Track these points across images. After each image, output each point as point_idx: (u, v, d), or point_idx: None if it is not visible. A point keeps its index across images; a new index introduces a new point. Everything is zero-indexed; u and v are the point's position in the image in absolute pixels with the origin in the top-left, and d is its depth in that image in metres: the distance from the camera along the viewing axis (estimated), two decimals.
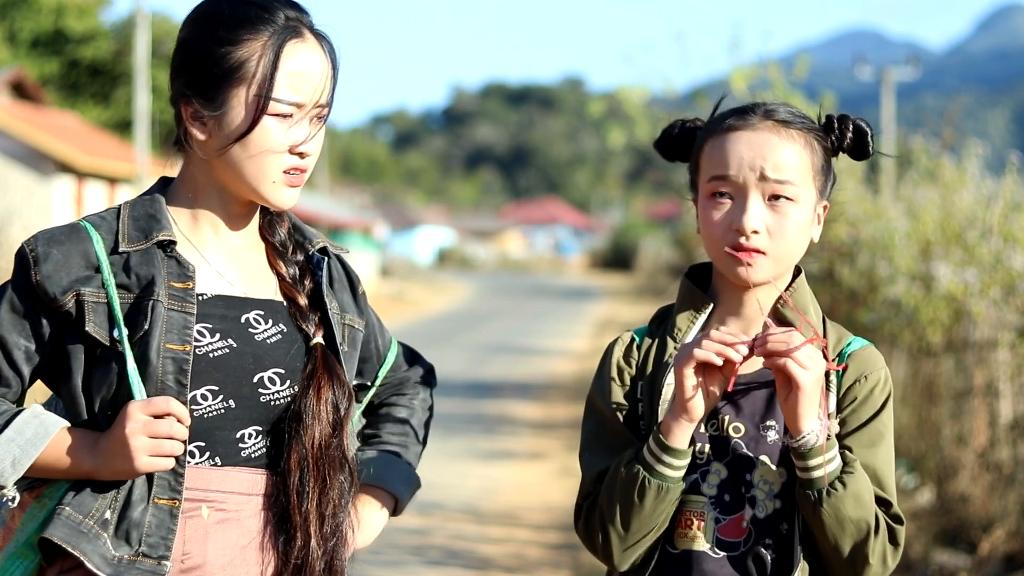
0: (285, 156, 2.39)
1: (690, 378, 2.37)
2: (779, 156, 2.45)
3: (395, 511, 2.72)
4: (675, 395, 2.41)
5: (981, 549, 7.59)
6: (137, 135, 29.42)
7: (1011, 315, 8.00)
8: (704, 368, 2.38)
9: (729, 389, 2.40)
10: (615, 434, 2.52)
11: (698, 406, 2.38)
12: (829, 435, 2.39)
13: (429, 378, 2.81)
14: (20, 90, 34.39)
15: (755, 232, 2.44)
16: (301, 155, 2.40)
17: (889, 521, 2.44)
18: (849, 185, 10.74)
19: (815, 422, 2.37)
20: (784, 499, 2.44)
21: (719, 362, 2.36)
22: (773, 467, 2.44)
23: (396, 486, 2.69)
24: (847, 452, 2.43)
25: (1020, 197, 8.30)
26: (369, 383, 2.70)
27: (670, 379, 2.48)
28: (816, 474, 2.37)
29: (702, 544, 2.45)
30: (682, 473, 2.42)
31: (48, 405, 2.45)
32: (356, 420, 2.69)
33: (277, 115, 2.37)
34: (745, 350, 2.37)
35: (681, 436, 2.40)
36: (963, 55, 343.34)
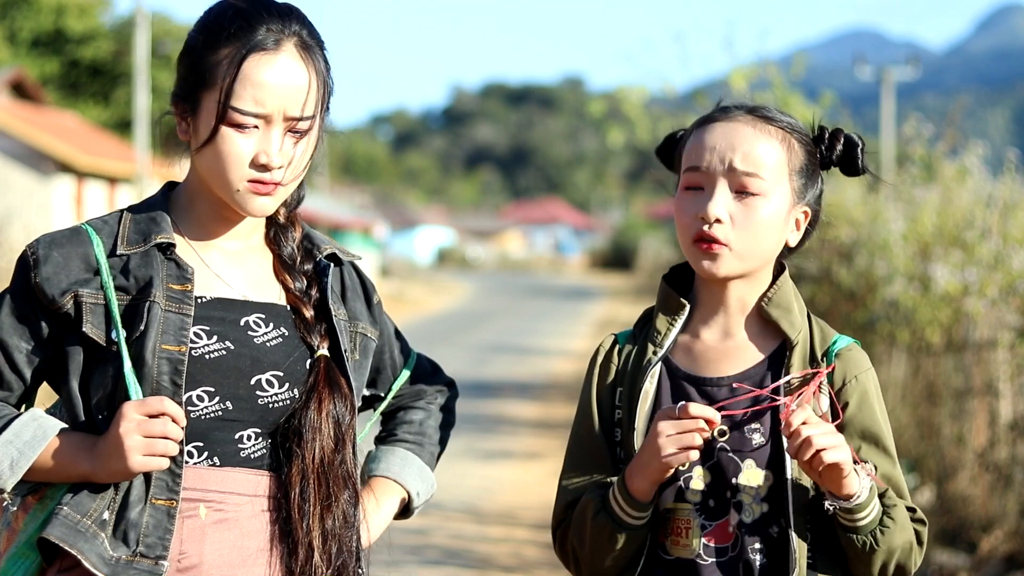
0: (246, 167, 2.37)
1: (673, 460, 2.35)
2: (750, 148, 2.42)
3: (407, 509, 2.67)
4: (646, 457, 2.37)
5: (981, 549, 7.60)
6: (137, 135, 29.43)
7: (1010, 315, 8.00)
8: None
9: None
10: (591, 443, 2.50)
11: (670, 470, 2.38)
12: (872, 483, 2.36)
13: (449, 390, 2.76)
14: (20, 90, 34.42)
15: (718, 221, 2.41)
16: (267, 167, 2.37)
17: (917, 527, 2.44)
18: (849, 186, 10.74)
19: (858, 478, 2.34)
20: (772, 502, 2.41)
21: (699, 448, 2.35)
22: (759, 471, 2.40)
23: (408, 480, 2.65)
24: (877, 480, 2.40)
25: (1019, 196, 8.30)
26: (382, 395, 2.67)
27: (647, 386, 2.46)
28: (866, 522, 2.36)
29: (692, 551, 2.43)
30: (649, 515, 2.41)
31: (53, 409, 2.44)
32: (369, 428, 2.67)
33: (238, 125, 2.35)
34: (720, 420, 2.35)
35: (650, 492, 2.39)
36: (963, 55, 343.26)
